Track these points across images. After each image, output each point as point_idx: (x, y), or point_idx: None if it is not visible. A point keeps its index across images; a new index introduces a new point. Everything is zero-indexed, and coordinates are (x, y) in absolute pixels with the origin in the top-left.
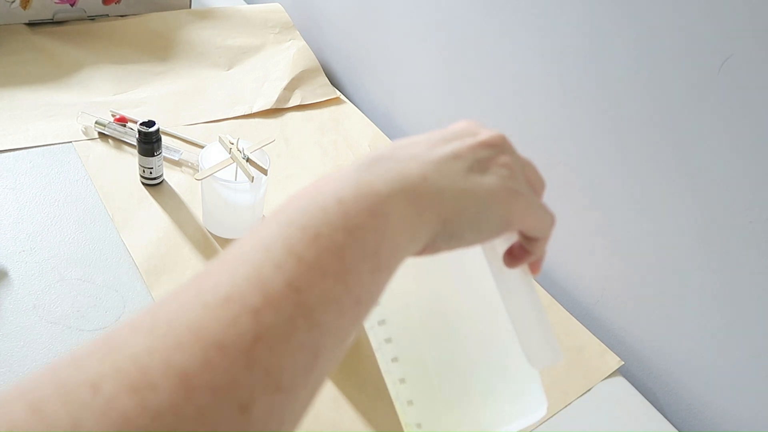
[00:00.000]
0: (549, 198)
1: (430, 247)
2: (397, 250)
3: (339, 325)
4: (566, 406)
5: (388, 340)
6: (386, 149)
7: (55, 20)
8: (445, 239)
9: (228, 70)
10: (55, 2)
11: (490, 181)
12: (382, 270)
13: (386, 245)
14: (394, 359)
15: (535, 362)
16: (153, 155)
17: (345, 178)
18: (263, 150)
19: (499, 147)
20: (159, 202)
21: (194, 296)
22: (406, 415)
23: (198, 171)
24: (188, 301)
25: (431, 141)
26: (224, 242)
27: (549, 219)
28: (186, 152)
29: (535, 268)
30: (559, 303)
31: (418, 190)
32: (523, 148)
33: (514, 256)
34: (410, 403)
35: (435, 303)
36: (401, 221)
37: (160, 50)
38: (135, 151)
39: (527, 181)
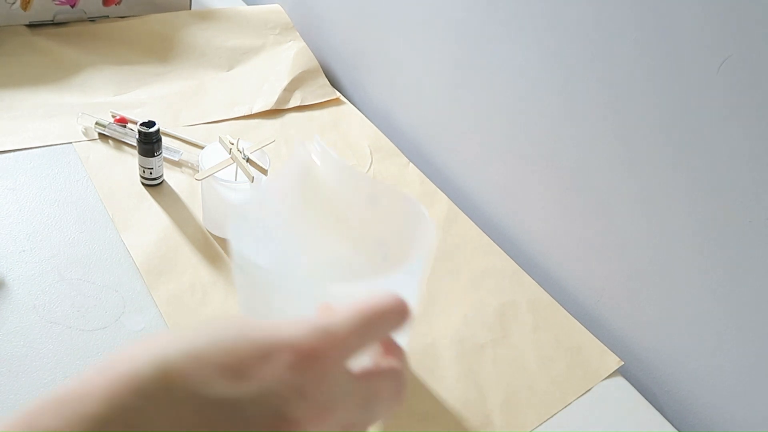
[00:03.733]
0: (549, 198)
1: None
2: None
3: None
4: (566, 406)
5: None
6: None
7: (55, 21)
8: None
9: (228, 70)
10: (56, 3)
11: None
12: None
13: None
14: None
15: None
16: (153, 156)
17: None
18: (263, 150)
19: None
20: (159, 203)
21: None
22: None
23: (198, 171)
24: None
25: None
26: (224, 242)
27: None
28: (186, 153)
29: None
30: (559, 303)
31: None
32: (523, 148)
33: None
34: None
35: None
36: None
37: (160, 51)
38: (135, 152)
39: None
